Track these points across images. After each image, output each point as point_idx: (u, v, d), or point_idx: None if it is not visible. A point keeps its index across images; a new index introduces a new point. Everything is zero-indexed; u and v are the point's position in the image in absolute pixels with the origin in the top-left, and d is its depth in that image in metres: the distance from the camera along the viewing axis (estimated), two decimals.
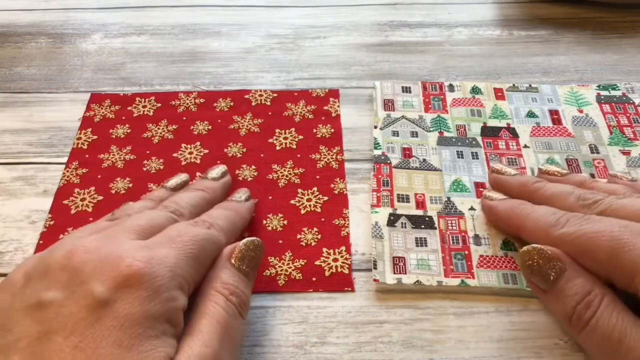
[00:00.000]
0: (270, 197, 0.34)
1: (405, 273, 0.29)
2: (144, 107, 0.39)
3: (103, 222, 0.28)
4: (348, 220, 0.32)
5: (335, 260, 0.31)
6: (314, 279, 0.30)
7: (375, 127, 0.37)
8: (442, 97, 0.39)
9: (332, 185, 0.34)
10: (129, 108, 0.39)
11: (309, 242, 0.31)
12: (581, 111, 0.37)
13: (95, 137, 0.37)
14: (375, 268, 0.30)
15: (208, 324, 0.24)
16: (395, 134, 0.36)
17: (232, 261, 0.27)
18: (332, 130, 0.37)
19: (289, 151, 0.36)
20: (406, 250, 0.30)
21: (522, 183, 0.31)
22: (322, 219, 0.32)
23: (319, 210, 0.33)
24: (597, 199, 0.28)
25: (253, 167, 0.35)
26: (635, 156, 0.35)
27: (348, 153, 0.36)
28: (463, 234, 0.31)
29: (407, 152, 0.35)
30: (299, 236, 0.32)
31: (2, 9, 0.48)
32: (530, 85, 0.39)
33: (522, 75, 0.41)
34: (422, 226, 0.31)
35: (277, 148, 0.36)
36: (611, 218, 0.26)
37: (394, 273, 0.29)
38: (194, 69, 0.42)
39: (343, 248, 0.31)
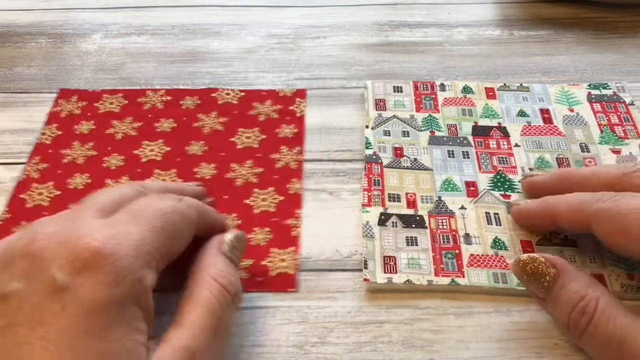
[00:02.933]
0: (225, 197, 0.34)
1: (396, 272, 0.29)
2: (110, 103, 0.39)
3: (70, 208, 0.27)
4: (300, 220, 0.32)
5: (282, 260, 0.31)
6: (259, 278, 0.30)
7: (367, 126, 0.37)
8: (433, 96, 0.39)
9: (289, 186, 0.34)
10: (95, 104, 0.39)
11: (258, 242, 0.31)
12: (572, 110, 0.38)
13: (60, 132, 0.37)
14: (366, 267, 0.30)
15: (201, 316, 0.23)
16: (387, 133, 0.36)
17: (224, 251, 0.26)
18: (295, 130, 0.37)
19: (250, 150, 0.36)
20: (397, 250, 0.30)
21: (558, 173, 0.32)
22: (275, 219, 0.32)
23: (272, 210, 0.33)
24: (638, 169, 0.27)
25: (212, 165, 0.35)
26: (626, 155, 0.35)
27: (349, 153, 0.36)
28: (454, 233, 0.31)
29: (398, 152, 0.35)
30: (249, 236, 0.31)
31: (2, 9, 0.48)
32: (521, 85, 0.39)
33: (522, 75, 0.41)
34: (413, 225, 0.31)
35: (238, 147, 0.36)
36: None
37: (385, 272, 0.29)
38: (194, 69, 0.42)
39: (292, 248, 0.31)
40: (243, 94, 0.40)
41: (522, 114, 0.37)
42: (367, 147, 0.35)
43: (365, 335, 0.28)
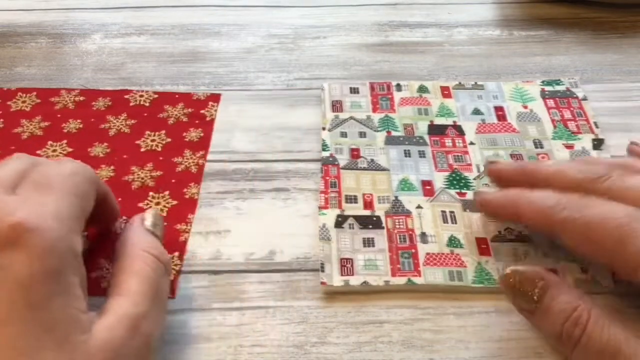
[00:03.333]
0: (119, 199, 0.33)
1: (353, 274, 0.29)
2: (23, 102, 0.39)
3: None
4: (191, 225, 0.32)
5: None
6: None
7: (324, 128, 0.37)
8: (389, 96, 0.39)
9: (185, 190, 0.34)
10: (8, 102, 0.39)
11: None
12: (526, 107, 0.38)
13: None
14: (322, 270, 0.30)
15: (138, 284, 0.24)
16: (344, 134, 0.36)
17: (147, 227, 0.27)
18: (202, 134, 0.37)
19: (153, 153, 0.36)
20: (353, 252, 0.30)
21: (521, 168, 0.31)
22: (165, 224, 0.31)
23: (164, 214, 0.33)
24: (602, 175, 0.27)
25: (112, 167, 0.35)
26: (579, 149, 0.35)
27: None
28: (410, 232, 0.31)
29: (354, 153, 0.35)
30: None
31: (2, 9, 0.48)
32: (476, 83, 0.40)
33: (522, 75, 0.41)
34: (370, 226, 0.31)
35: (142, 150, 0.36)
36: (613, 203, 0.26)
37: (342, 275, 0.29)
38: (194, 69, 0.42)
39: (177, 254, 0.31)
40: (156, 96, 0.40)
41: (476, 112, 0.38)
42: (323, 149, 0.36)
43: (365, 335, 0.28)
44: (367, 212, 0.32)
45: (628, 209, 0.25)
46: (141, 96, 0.40)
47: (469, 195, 0.33)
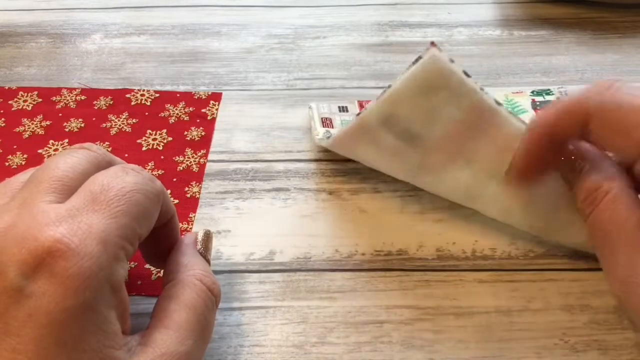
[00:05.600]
0: None
1: (333, 127, 0.35)
2: (24, 101, 0.39)
3: (17, 181, 0.24)
4: (192, 224, 0.32)
5: None
6: (139, 282, 0.30)
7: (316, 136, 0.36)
8: None
9: (187, 189, 0.34)
10: (9, 102, 0.39)
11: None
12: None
13: None
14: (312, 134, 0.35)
15: (187, 318, 0.22)
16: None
17: (200, 250, 0.26)
18: (204, 133, 0.37)
19: (154, 152, 0.36)
20: (331, 114, 0.36)
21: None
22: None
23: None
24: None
25: None
26: None
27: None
28: None
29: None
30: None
31: (2, 9, 0.48)
32: None
33: (522, 76, 0.41)
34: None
35: (143, 149, 0.36)
36: None
37: (323, 127, 0.35)
38: (194, 69, 0.42)
39: None
40: (158, 95, 0.40)
41: None
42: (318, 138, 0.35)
43: (365, 335, 0.28)
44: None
45: None
46: (142, 95, 0.40)
47: None
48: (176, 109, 0.38)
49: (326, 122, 0.37)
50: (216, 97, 0.40)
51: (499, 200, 0.30)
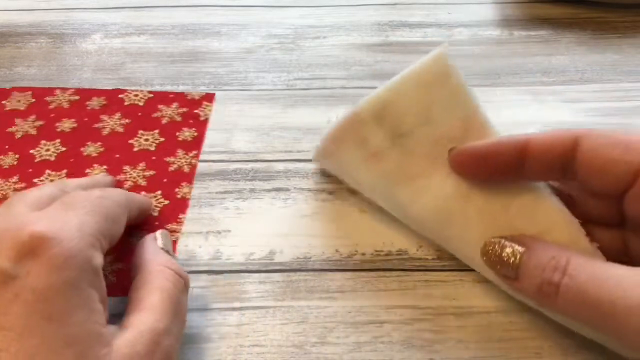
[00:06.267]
0: None
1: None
2: (18, 101, 0.39)
3: None
4: (182, 225, 0.32)
5: None
6: (127, 282, 0.29)
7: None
8: None
9: (177, 190, 0.34)
10: (3, 102, 0.39)
11: (135, 245, 0.30)
12: None
13: None
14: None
15: (159, 299, 0.24)
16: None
17: (161, 246, 0.28)
18: (196, 133, 0.37)
19: (146, 153, 0.36)
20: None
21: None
22: (157, 223, 0.32)
23: (155, 214, 0.33)
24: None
25: (104, 167, 0.35)
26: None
27: None
28: None
29: None
30: (129, 238, 0.31)
31: (2, 9, 0.48)
32: None
33: (522, 76, 0.41)
34: None
35: (135, 149, 0.36)
36: None
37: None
38: (194, 69, 0.42)
39: None
40: (151, 95, 0.40)
41: None
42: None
43: (365, 335, 0.28)
44: None
45: None
46: (136, 95, 0.40)
47: None
48: (169, 110, 0.38)
49: None
50: (209, 97, 0.40)
51: (475, 227, 0.28)
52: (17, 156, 0.36)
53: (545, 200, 0.27)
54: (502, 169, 0.26)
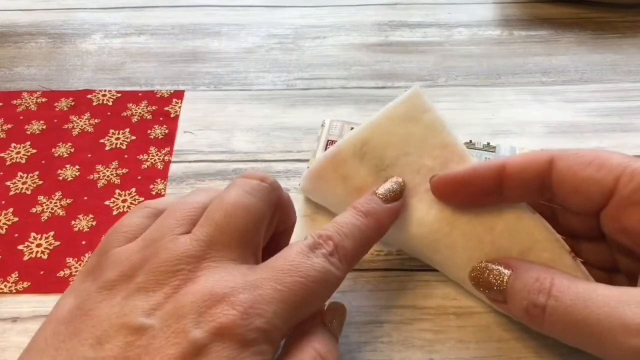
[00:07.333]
0: (85, 198, 0.34)
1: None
2: None
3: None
4: None
5: None
6: None
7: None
8: None
9: (152, 186, 0.34)
10: None
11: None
12: None
13: None
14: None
15: None
16: None
17: (326, 322, 0.24)
18: (167, 131, 0.37)
19: (118, 152, 0.36)
20: (339, 137, 0.35)
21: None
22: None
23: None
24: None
25: (77, 167, 0.35)
26: None
27: None
28: None
29: None
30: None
31: (2, 9, 0.48)
32: (488, 144, 0.36)
33: (522, 76, 0.41)
34: None
35: (107, 148, 0.36)
36: None
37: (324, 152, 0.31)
38: (194, 69, 0.42)
39: None
40: (119, 95, 0.40)
41: None
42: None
43: (365, 335, 0.28)
44: None
45: None
46: (104, 95, 0.40)
47: None
48: (138, 108, 0.39)
49: (329, 147, 0.34)
50: (179, 95, 0.40)
51: (462, 251, 0.28)
52: None
53: (528, 219, 0.27)
54: (482, 192, 0.27)
